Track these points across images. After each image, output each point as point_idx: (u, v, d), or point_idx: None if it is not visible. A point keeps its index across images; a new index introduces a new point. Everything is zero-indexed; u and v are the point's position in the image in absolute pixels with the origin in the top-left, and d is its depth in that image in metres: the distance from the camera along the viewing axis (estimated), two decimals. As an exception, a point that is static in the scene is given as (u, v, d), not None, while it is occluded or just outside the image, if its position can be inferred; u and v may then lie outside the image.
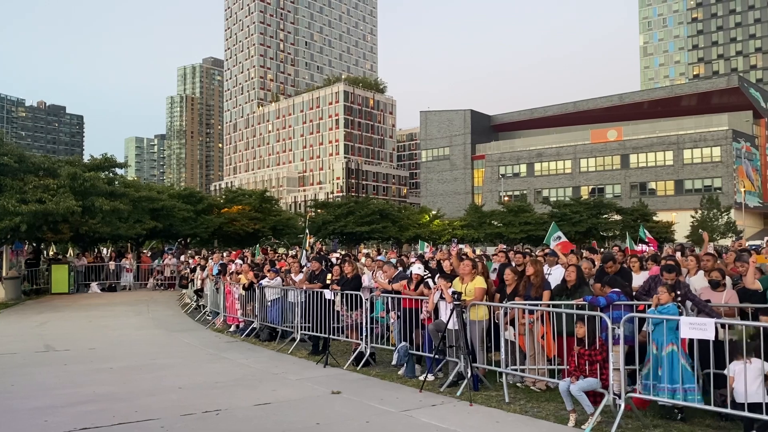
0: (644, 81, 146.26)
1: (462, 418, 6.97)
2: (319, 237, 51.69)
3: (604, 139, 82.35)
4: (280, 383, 9.03)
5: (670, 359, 6.53)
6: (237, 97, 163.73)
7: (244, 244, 41.56)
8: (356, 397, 8.02)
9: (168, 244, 43.93)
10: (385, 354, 10.61)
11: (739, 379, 5.97)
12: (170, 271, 28.51)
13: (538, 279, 8.79)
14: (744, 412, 5.84)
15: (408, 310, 9.54)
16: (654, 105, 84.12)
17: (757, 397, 5.87)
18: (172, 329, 15.38)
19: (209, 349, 12.30)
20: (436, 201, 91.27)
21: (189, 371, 10.00)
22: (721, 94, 79.16)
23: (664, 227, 53.51)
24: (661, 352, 6.58)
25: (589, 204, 56.15)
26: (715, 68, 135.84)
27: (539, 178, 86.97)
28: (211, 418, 7.08)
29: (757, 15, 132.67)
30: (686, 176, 75.54)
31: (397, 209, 61.51)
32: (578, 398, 6.59)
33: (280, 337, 12.80)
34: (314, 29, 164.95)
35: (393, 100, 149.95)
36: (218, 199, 48.24)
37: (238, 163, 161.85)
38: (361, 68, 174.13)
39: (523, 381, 8.44)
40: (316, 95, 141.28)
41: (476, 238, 56.28)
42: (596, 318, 7.10)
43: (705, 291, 8.21)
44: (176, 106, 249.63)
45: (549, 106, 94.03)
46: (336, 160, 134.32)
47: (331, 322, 10.81)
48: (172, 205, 33.90)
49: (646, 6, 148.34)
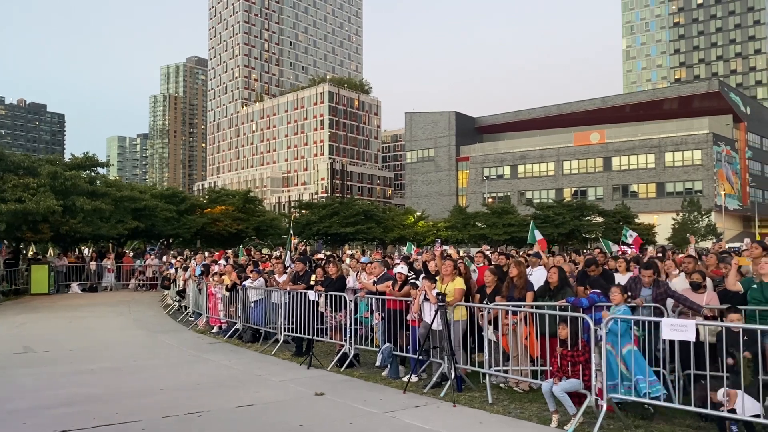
0: (627, 84, 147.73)
1: (445, 419, 6.99)
2: (303, 238, 51.53)
3: (586, 141, 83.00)
4: (263, 385, 8.99)
5: (630, 357, 6.62)
6: (221, 97, 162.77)
7: (227, 244, 41.31)
8: (340, 399, 8.00)
9: (150, 244, 43.54)
10: (369, 355, 10.61)
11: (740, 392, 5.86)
12: (152, 272, 28.27)
13: (522, 280, 8.85)
14: (721, 413, 5.90)
15: (392, 311, 9.54)
16: (636, 108, 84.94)
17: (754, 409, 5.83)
18: (154, 330, 15.24)
19: (191, 350, 12.20)
20: (420, 202, 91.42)
21: (171, 373, 9.92)
22: (702, 98, 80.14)
23: (645, 229, 54.01)
24: (619, 353, 6.65)
25: (571, 206, 56.64)
26: (696, 72, 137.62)
27: (523, 180, 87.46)
28: (194, 419, 7.03)
29: (737, 20, 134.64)
30: (668, 179, 76.35)
31: (382, 210, 61.52)
32: (561, 399, 6.63)
33: (263, 339, 12.74)
34: (299, 29, 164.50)
35: (378, 101, 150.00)
36: (201, 199, 47.94)
37: (221, 163, 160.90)
38: (346, 69, 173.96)
39: (507, 382, 8.48)
40: (301, 95, 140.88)
41: (460, 240, 56.50)
42: (578, 319, 7.15)
43: (686, 293, 8.31)
44: (159, 105, 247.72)
45: (533, 108, 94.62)
46: (320, 161, 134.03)
47: (315, 324, 10.78)
48: (155, 205, 33.62)
49: (629, 10, 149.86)
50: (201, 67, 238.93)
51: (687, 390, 6.76)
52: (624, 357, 6.70)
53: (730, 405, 5.80)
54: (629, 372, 6.62)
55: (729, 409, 5.80)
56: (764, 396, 6.47)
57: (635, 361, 6.62)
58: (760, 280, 7.68)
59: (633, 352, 6.70)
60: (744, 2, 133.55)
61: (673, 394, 7.07)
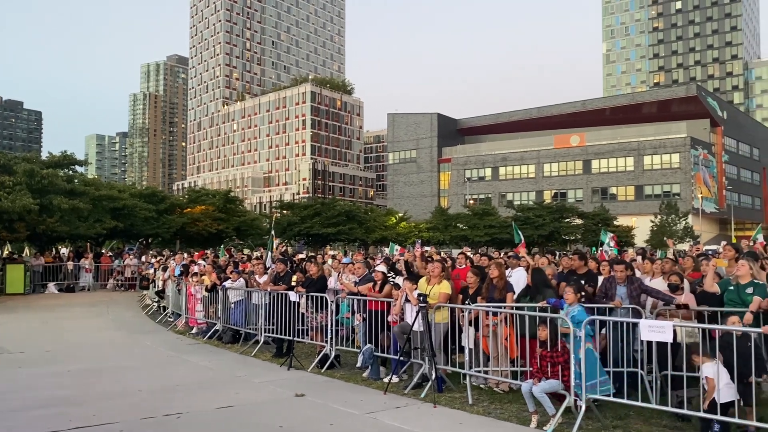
0: (607, 88, 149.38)
1: (426, 420, 7.00)
2: (284, 238, 51.32)
3: (567, 144, 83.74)
4: (243, 386, 8.93)
5: (588, 357, 6.70)
6: (202, 96, 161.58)
7: (208, 244, 41.01)
8: (320, 400, 7.98)
9: (129, 244, 43.08)
10: (350, 356, 10.59)
11: (723, 378, 5.99)
12: (131, 272, 27.96)
13: (502, 281, 8.89)
14: (697, 413, 5.98)
15: (374, 312, 9.54)
16: (616, 112, 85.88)
17: (729, 396, 5.97)
18: (132, 331, 15.08)
19: (170, 351, 12.09)
20: (402, 203, 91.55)
21: (149, 374, 9.82)
22: (680, 103, 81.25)
23: (624, 232, 54.68)
24: (577, 353, 6.73)
25: (551, 208, 57.14)
26: (674, 77, 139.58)
27: (504, 182, 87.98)
28: (172, 421, 6.96)
29: (714, 26, 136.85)
30: (646, 182, 77.29)
31: (364, 211, 61.49)
32: (540, 400, 6.67)
33: (244, 340, 12.66)
34: (281, 29, 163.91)
35: (360, 101, 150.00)
36: (181, 198, 47.50)
37: (201, 162, 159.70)
38: (328, 69, 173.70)
39: (487, 383, 8.51)
40: (283, 95, 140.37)
41: (442, 241, 56.70)
42: (558, 320, 7.20)
43: (664, 294, 8.40)
44: (139, 104, 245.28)
45: (514, 111, 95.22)
46: (302, 161, 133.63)
47: (296, 324, 10.74)
48: (134, 205, 33.26)
49: (610, 15, 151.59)
50: (182, 66, 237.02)
51: (664, 390, 6.84)
52: (582, 357, 6.76)
53: (708, 388, 5.94)
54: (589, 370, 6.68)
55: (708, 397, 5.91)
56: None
57: (587, 361, 6.67)
58: (736, 282, 7.80)
59: (590, 351, 6.79)
60: (721, 8, 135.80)
61: (650, 394, 7.15)
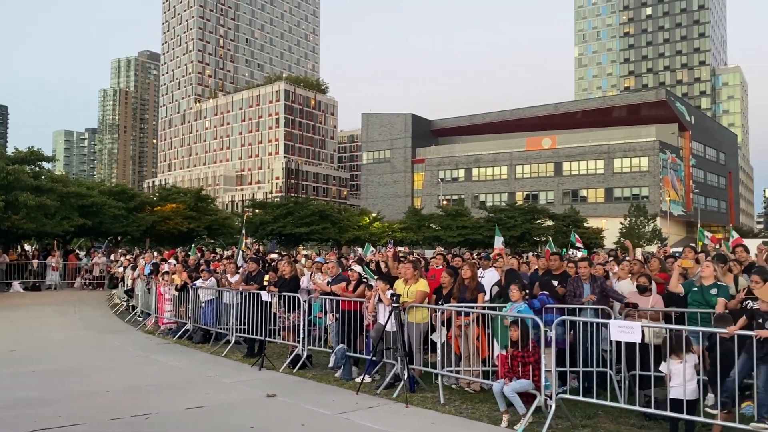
0: (578, 91, 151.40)
1: (398, 420, 7.01)
2: (256, 238, 50.96)
3: (538, 146, 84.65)
4: (214, 386, 8.84)
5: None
6: (173, 92, 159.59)
7: (178, 243, 40.55)
8: (292, 400, 7.94)
9: (97, 242, 42.39)
10: (323, 356, 10.54)
11: (677, 377, 6.16)
12: (99, 271, 27.49)
13: (474, 282, 8.96)
14: (664, 412, 6.09)
15: (347, 312, 9.52)
16: (587, 115, 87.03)
17: (692, 394, 6.09)
18: (100, 330, 14.83)
19: (139, 351, 11.92)
20: (376, 203, 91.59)
21: (118, 374, 9.66)
22: (650, 107, 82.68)
23: (594, 233, 55.48)
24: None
25: (523, 209, 57.71)
26: (644, 81, 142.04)
27: (477, 183, 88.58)
28: (141, 422, 6.86)
29: (683, 32, 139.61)
30: (616, 185, 78.53)
31: (337, 211, 61.39)
32: (511, 399, 6.73)
33: (214, 340, 12.54)
34: (255, 26, 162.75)
35: (335, 101, 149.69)
36: (151, 196, 46.87)
37: (173, 160, 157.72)
38: (302, 68, 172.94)
39: (458, 382, 8.56)
40: (256, 93, 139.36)
41: (415, 241, 56.87)
42: (529, 320, 7.27)
43: (632, 295, 8.56)
44: (109, 100, 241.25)
45: (487, 113, 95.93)
46: (275, 160, 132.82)
47: (268, 324, 10.67)
48: (103, 202, 32.70)
49: (582, 19, 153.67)
50: (153, 62, 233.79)
51: (632, 390, 6.96)
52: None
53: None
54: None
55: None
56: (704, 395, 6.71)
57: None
58: (700, 284, 7.96)
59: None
60: (690, 15, 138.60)
61: (618, 393, 7.26)
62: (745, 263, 9.39)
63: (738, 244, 11.06)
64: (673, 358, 6.21)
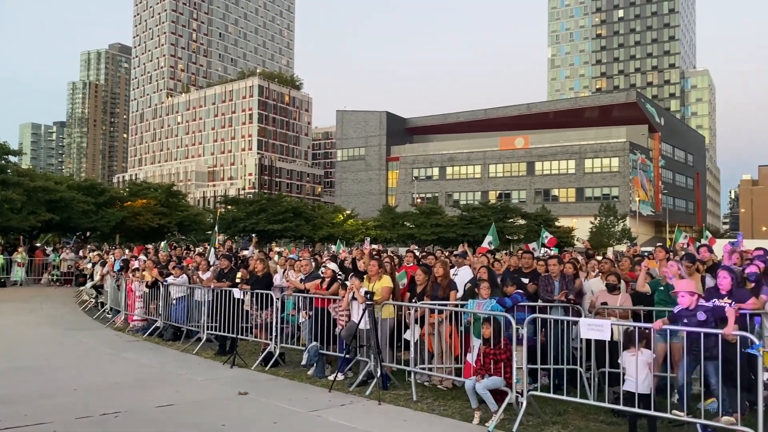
0: (551, 92, 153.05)
1: (370, 418, 7.02)
2: (229, 234, 50.54)
3: (511, 146, 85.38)
4: (185, 384, 8.75)
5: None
6: (145, 86, 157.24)
7: (149, 239, 40.05)
8: (264, 398, 7.90)
9: (65, 237, 41.65)
10: (295, 354, 10.50)
11: (631, 369, 6.36)
12: (67, 267, 26.97)
13: (446, 280, 9.02)
14: (632, 408, 6.20)
15: (320, 310, 9.50)
16: (559, 115, 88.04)
17: (644, 388, 6.26)
18: (68, 327, 14.56)
19: (108, 348, 11.74)
20: (350, 201, 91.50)
21: (86, 372, 9.51)
22: (621, 108, 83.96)
23: (565, 233, 56.21)
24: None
25: (496, 208, 58.23)
26: (615, 83, 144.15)
27: (450, 182, 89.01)
28: (110, 420, 6.76)
29: (654, 35, 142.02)
30: (586, 185, 79.59)
31: (311, 208, 61.20)
32: (483, 396, 6.78)
33: (185, 337, 12.41)
34: (229, 21, 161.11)
35: (309, 97, 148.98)
36: (121, 191, 46.24)
37: (143, 154, 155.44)
38: (276, 63, 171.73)
39: (431, 380, 8.60)
40: (229, 88, 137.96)
41: (389, 239, 56.96)
42: (501, 318, 7.34)
43: (602, 294, 8.69)
44: (78, 93, 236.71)
45: (461, 112, 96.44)
46: (248, 156, 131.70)
47: (240, 322, 10.59)
48: (71, 197, 32.14)
49: (555, 20, 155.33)
50: (124, 55, 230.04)
51: (602, 387, 7.06)
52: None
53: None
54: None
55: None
56: (671, 393, 6.85)
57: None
58: (666, 283, 8.12)
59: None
60: (661, 18, 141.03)
61: (588, 390, 7.37)
62: (708, 263, 9.60)
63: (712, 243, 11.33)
64: (628, 352, 6.43)
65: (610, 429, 6.61)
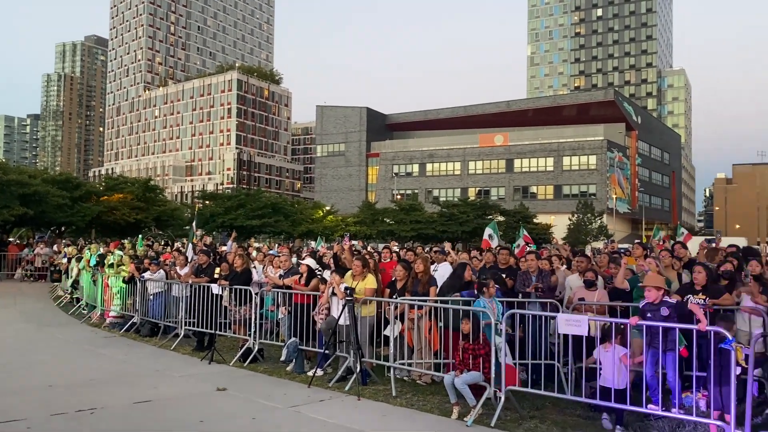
0: (530, 90, 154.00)
1: (350, 413, 7.02)
2: (207, 230, 50.13)
3: (491, 143, 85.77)
4: (162, 380, 8.68)
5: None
6: (122, 79, 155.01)
7: (125, 234, 39.59)
8: (242, 394, 7.86)
9: (39, 232, 40.99)
10: (274, 350, 10.46)
11: (607, 365, 6.45)
12: (42, 262, 26.56)
13: (426, 276, 9.04)
14: (609, 403, 6.29)
15: (299, 306, 9.47)
16: (538, 113, 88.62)
17: (619, 383, 6.38)
18: (43, 324, 14.35)
19: (84, 344, 11.59)
20: (330, 197, 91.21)
21: (61, 368, 9.38)
22: (599, 107, 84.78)
23: (543, 229, 56.63)
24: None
25: (475, 205, 58.46)
26: (594, 81, 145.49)
27: (430, 178, 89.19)
28: (85, 417, 6.68)
29: (632, 34, 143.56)
30: (564, 182, 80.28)
31: (290, 203, 60.92)
32: (462, 391, 6.82)
33: (163, 333, 12.29)
34: (208, 14, 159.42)
35: (289, 92, 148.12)
36: (98, 186, 45.60)
37: (120, 148, 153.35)
38: (256, 57, 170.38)
39: (410, 375, 8.63)
40: (208, 82, 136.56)
41: (369, 235, 56.95)
42: (480, 314, 7.38)
43: (579, 290, 8.78)
44: (53, 85, 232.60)
45: (442, 108, 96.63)
46: (227, 151, 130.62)
47: (218, 318, 10.52)
48: (46, 191, 31.58)
49: (535, 18, 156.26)
50: (101, 47, 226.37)
51: (579, 382, 7.15)
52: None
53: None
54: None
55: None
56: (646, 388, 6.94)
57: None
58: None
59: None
60: (638, 18, 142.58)
61: (565, 385, 7.44)
62: (684, 259, 9.76)
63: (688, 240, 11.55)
64: (602, 347, 6.60)
65: (587, 423, 6.70)
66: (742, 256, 10.14)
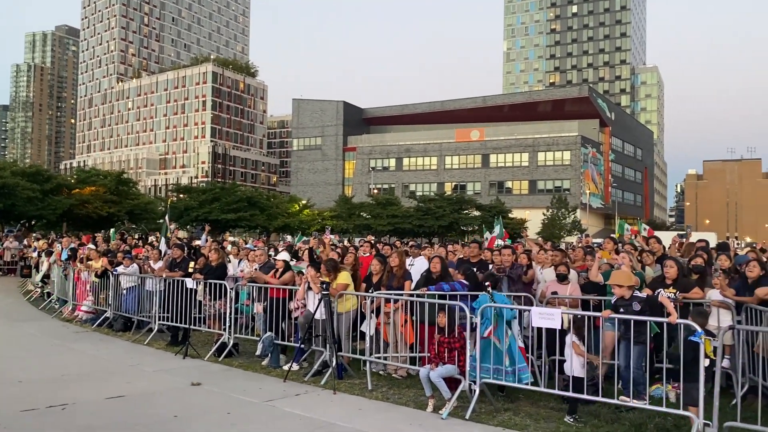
0: (506, 85, 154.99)
1: (325, 407, 7.03)
2: (180, 224, 49.60)
3: (467, 138, 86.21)
4: (136, 375, 8.59)
5: (507, 346, 7.08)
6: (94, 71, 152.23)
7: (97, 228, 39.02)
8: (217, 389, 7.81)
9: (9, 225, 40.21)
10: (249, 344, 10.41)
11: (568, 354, 6.74)
12: (11, 256, 26.06)
13: (401, 270, 9.07)
14: (580, 395, 6.39)
15: (275, 300, 9.43)
16: (513, 109, 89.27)
17: (577, 373, 6.63)
18: (12, 318, 14.10)
19: (55, 339, 11.41)
20: (306, 191, 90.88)
21: (32, 364, 9.23)
22: (573, 103, 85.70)
23: (518, 224, 57.12)
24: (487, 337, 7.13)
25: (452, 200, 58.78)
26: (569, 78, 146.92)
27: (407, 173, 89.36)
28: (56, 413, 6.59)
29: (606, 32, 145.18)
30: (539, 177, 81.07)
31: (266, 197, 60.56)
32: (437, 384, 6.87)
33: (136, 328, 12.16)
34: (182, 5, 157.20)
35: (265, 85, 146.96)
36: (69, 178, 44.91)
37: (92, 141, 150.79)
38: (231, 50, 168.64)
39: (386, 369, 8.66)
40: (182, 74, 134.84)
41: (345, 229, 56.92)
42: (456, 307, 7.43)
43: (552, 284, 8.89)
44: (23, 75, 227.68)
45: (419, 103, 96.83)
46: (201, 144, 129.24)
47: (193, 312, 10.44)
48: (15, 183, 31.05)
49: (511, 14, 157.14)
50: (72, 37, 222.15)
51: (552, 374, 7.24)
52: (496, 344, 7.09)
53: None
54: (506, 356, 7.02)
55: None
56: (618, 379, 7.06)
57: (511, 349, 7.06)
58: (618, 273, 8.35)
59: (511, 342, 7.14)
60: (613, 15, 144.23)
61: (539, 378, 7.54)
62: (658, 254, 9.94)
63: (651, 235, 11.76)
64: (567, 337, 6.86)
65: (560, 415, 6.78)
66: (713, 250, 10.37)
